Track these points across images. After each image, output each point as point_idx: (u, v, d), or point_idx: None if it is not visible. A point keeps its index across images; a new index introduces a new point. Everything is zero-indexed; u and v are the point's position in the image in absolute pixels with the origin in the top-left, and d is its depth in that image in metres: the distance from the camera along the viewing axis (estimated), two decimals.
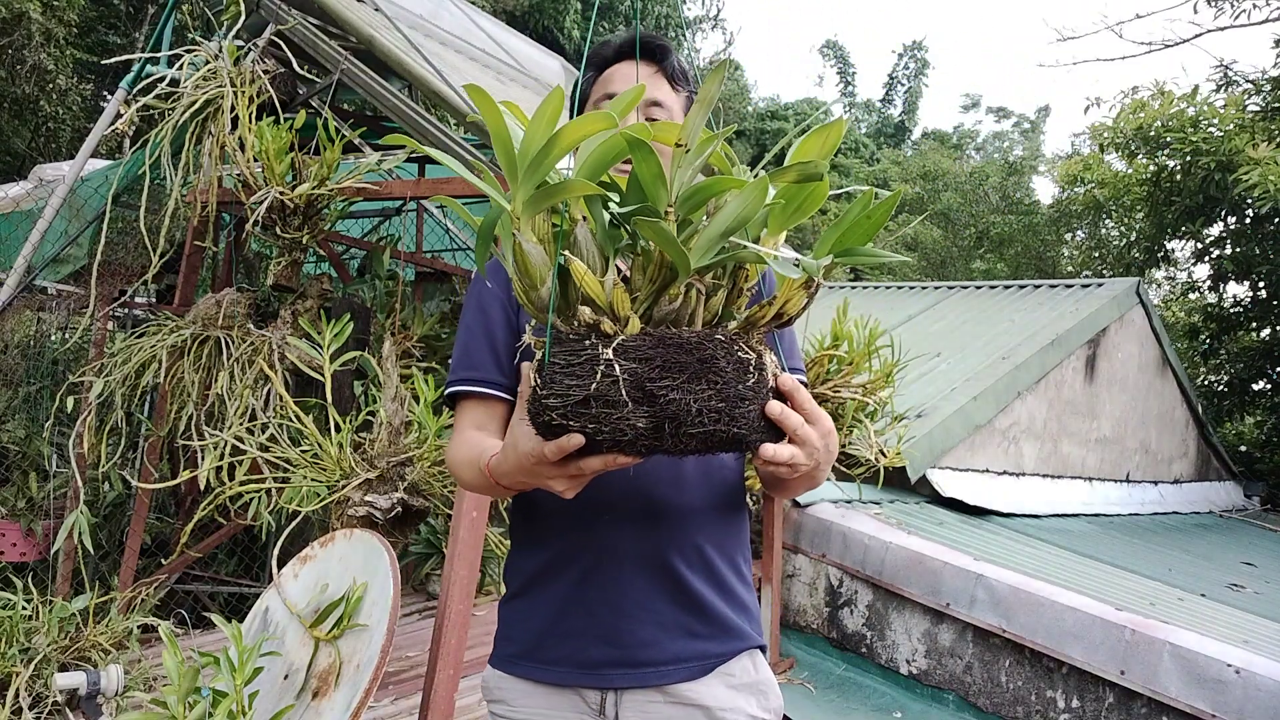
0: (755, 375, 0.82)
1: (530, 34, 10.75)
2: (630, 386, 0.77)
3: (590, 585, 1.13)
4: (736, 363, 0.81)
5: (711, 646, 1.15)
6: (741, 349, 0.82)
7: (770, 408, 0.85)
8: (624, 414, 0.77)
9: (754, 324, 0.86)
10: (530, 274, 0.84)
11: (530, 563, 1.19)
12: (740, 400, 0.80)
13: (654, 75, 1.27)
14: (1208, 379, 11.23)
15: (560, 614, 1.14)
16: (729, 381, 0.80)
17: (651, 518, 1.13)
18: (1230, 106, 9.15)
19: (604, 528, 1.12)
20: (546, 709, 1.16)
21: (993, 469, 5.36)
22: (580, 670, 1.13)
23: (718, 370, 0.79)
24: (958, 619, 3.26)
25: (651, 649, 1.12)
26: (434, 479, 2.40)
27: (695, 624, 1.14)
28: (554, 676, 1.15)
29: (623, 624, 1.12)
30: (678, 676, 1.12)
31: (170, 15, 3.35)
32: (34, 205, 4.04)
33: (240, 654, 1.62)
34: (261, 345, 2.70)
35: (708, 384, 0.79)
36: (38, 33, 8.50)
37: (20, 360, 3.84)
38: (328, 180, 2.68)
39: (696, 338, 0.80)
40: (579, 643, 1.13)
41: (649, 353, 0.78)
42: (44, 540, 3.45)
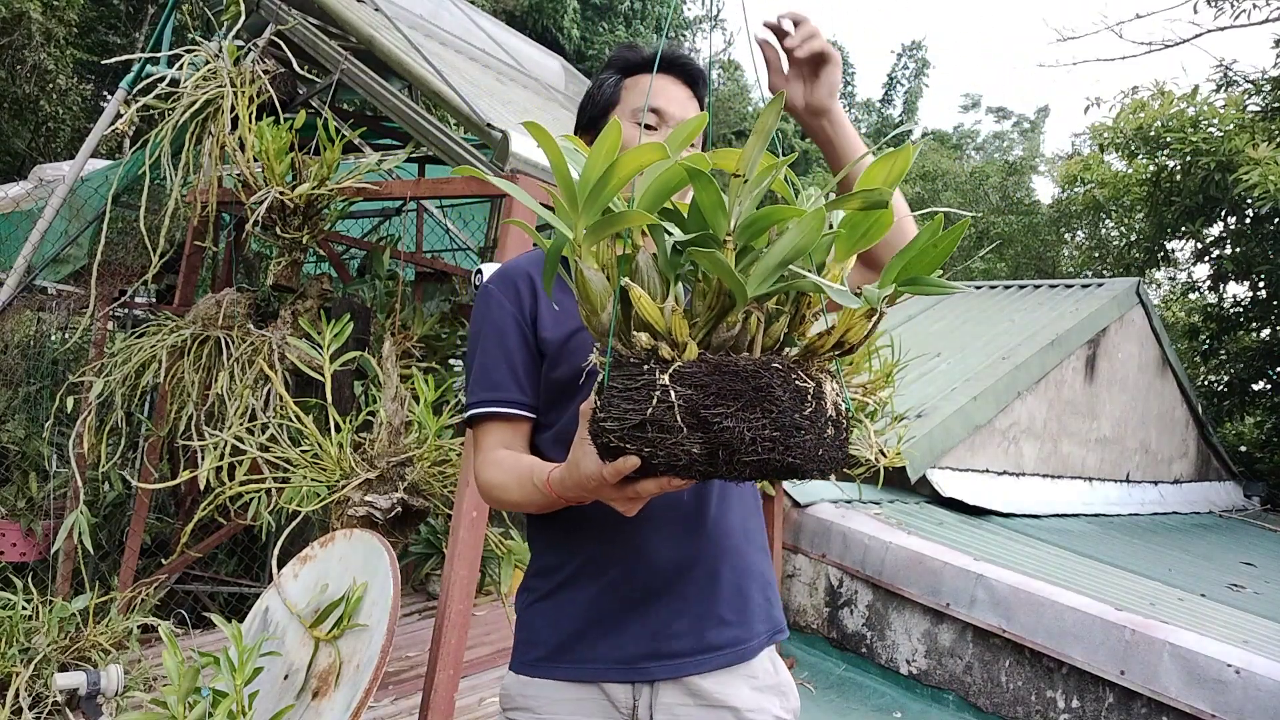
0: (813, 404, 0.81)
1: (530, 34, 10.75)
2: (685, 412, 0.78)
3: (626, 585, 1.14)
4: (793, 391, 0.80)
5: (743, 633, 1.18)
6: (800, 377, 0.81)
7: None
8: (679, 439, 0.78)
9: (814, 352, 0.86)
10: (591, 300, 0.86)
11: (561, 565, 1.19)
12: (795, 429, 0.79)
13: (690, 99, 1.29)
14: (1208, 379, 11.23)
15: (595, 613, 1.15)
16: (784, 410, 0.79)
17: (689, 520, 1.16)
18: (1230, 106, 9.15)
19: (641, 532, 1.14)
20: (576, 715, 1.16)
21: (993, 469, 5.36)
22: (617, 666, 1.14)
23: (773, 399, 0.79)
24: (958, 619, 3.27)
25: (687, 639, 1.14)
26: (434, 479, 2.40)
27: (727, 612, 1.17)
28: (588, 674, 1.15)
29: (658, 618, 1.14)
30: (712, 665, 1.15)
31: (170, 15, 3.35)
32: (34, 205, 4.04)
33: (240, 654, 1.62)
34: (261, 345, 2.70)
35: (762, 412, 0.78)
36: (38, 33, 8.50)
37: (20, 360, 3.84)
38: (328, 180, 2.68)
39: (752, 365, 0.80)
40: (615, 639, 1.14)
41: (704, 379, 0.79)
42: (44, 540, 3.45)
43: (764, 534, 1.29)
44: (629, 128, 1.24)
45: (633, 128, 1.24)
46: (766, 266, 0.80)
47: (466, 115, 2.35)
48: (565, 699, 1.16)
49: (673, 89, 1.27)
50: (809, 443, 0.81)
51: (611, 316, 0.85)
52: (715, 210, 0.80)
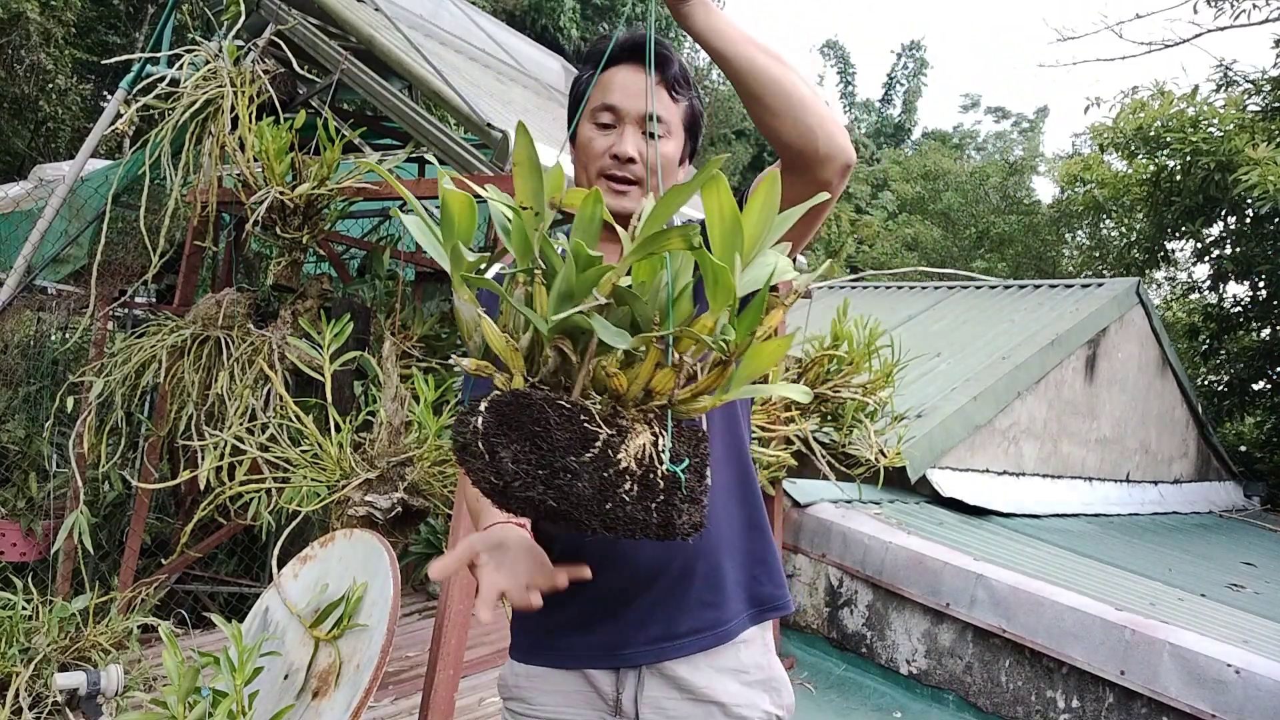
0: (597, 450, 0.76)
1: (530, 34, 10.75)
2: (483, 438, 0.78)
3: (604, 583, 1.13)
4: (575, 432, 0.76)
5: (720, 614, 1.16)
6: (594, 421, 0.77)
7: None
8: (482, 465, 0.78)
9: (649, 397, 0.81)
10: (462, 327, 0.89)
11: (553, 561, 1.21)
12: (562, 472, 0.76)
13: (655, 86, 1.23)
14: (1208, 379, 11.22)
15: (576, 606, 1.16)
16: (554, 449, 0.76)
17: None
18: (1230, 106, 9.16)
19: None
20: (565, 706, 1.17)
21: (993, 469, 5.36)
22: (597, 653, 1.15)
23: (545, 435, 0.76)
24: (958, 619, 3.27)
25: (662, 625, 1.14)
26: (434, 479, 2.40)
27: (705, 594, 1.16)
28: (571, 661, 1.17)
29: (635, 612, 1.14)
30: (692, 648, 1.15)
31: (170, 15, 3.35)
32: (34, 205, 4.04)
33: (240, 654, 1.62)
34: (261, 345, 2.70)
35: (532, 448, 0.76)
36: (36, 33, 8.50)
37: (20, 360, 3.84)
38: (328, 180, 2.68)
39: (541, 399, 0.77)
40: (596, 630, 1.15)
41: (504, 409, 0.78)
42: (44, 540, 3.45)
43: (753, 508, 1.24)
44: (588, 128, 1.24)
45: (591, 127, 1.23)
46: (551, 300, 0.78)
47: (466, 115, 2.35)
48: (553, 689, 1.18)
49: (631, 80, 1.22)
50: (581, 490, 0.76)
51: (478, 344, 0.86)
52: (522, 243, 0.81)
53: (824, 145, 1.04)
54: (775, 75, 1.03)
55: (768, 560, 1.25)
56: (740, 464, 1.24)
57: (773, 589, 1.24)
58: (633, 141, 1.21)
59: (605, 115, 1.23)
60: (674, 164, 1.26)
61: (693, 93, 1.28)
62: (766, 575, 1.24)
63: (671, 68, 1.24)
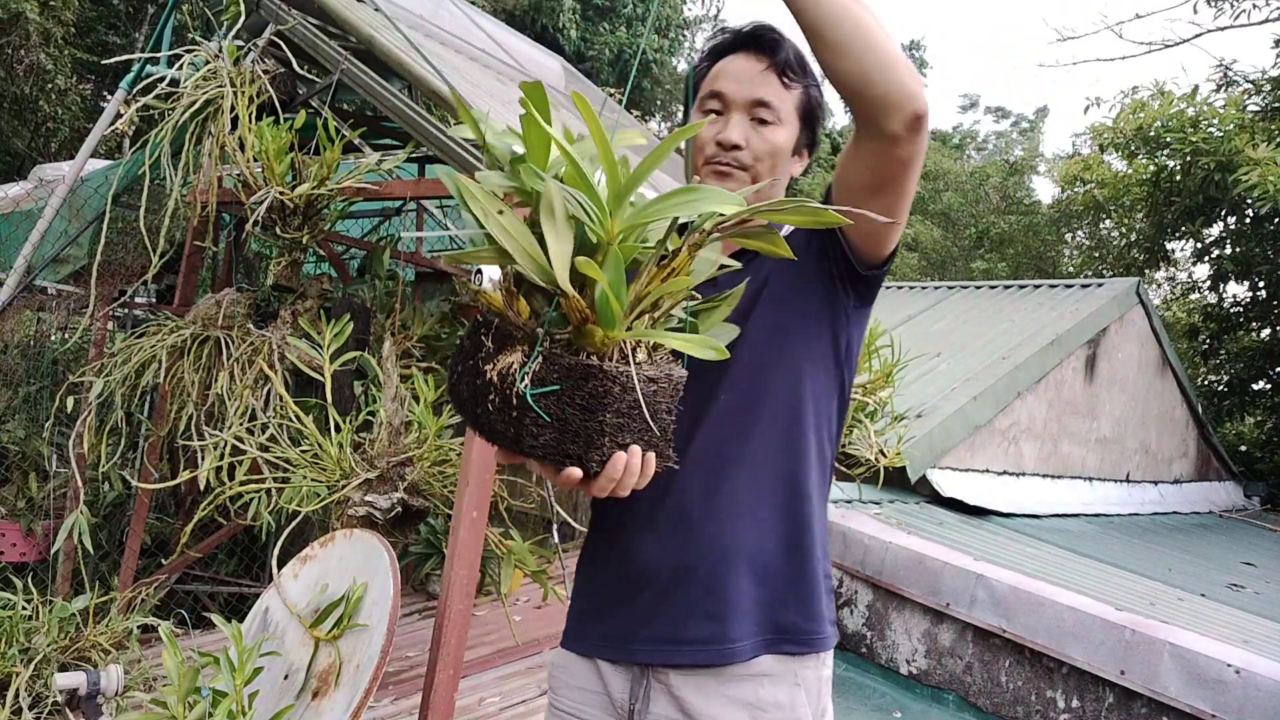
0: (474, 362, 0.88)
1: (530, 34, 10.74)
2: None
3: (619, 578, 1.16)
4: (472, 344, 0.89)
5: (722, 629, 1.09)
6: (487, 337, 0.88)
7: None
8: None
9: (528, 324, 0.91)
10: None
11: (585, 553, 1.25)
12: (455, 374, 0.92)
13: (764, 71, 1.18)
14: (1208, 379, 11.22)
15: (597, 596, 1.19)
16: (461, 355, 0.91)
17: (676, 522, 1.13)
18: (1230, 106, 9.15)
19: (632, 529, 1.15)
20: (582, 705, 1.18)
21: (993, 469, 5.36)
22: (606, 643, 1.16)
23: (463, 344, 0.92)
24: (958, 619, 3.26)
25: (665, 625, 1.11)
26: (434, 479, 2.40)
27: (711, 605, 1.10)
28: (586, 648, 1.19)
29: (644, 607, 1.13)
30: (691, 658, 1.10)
31: (170, 15, 3.35)
32: (34, 205, 4.04)
33: (240, 654, 1.62)
34: (261, 345, 2.70)
35: (458, 353, 0.92)
36: (35, 33, 8.50)
37: (20, 360, 3.84)
38: (327, 180, 2.68)
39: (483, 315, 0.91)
40: (608, 621, 1.16)
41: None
42: (44, 540, 3.45)
43: (798, 526, 1.13)
44: (697, 118, 1.20)
45: (700, 117, 1.20)
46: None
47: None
48: (575, 684, 1.20)
49: (742, 67, 1.18)
50: (462, 391, 0.90)
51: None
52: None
53: (885, 89, 0.93)
54: (842, 6, 0.93)
55: (802, 587, 1.12)
56: (789, 475, 1.14)
57: (800, 620, 1.12)
58: (738, 128, 1.17)
59: (713, 103, 1.20)
60: (785, 152, 1.20)
61: (809, 80, 1.21)
62: (796, 603, 1.12)
63: (781, 52, 1.18)
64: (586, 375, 0.84)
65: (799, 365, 1.14)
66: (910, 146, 0.97)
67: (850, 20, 0.93)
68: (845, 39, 0.93)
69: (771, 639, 1.11)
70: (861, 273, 1.13)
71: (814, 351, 1.16)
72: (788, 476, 1.13)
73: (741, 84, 1.17)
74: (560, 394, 0.83)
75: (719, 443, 1.13)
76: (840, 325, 1.17)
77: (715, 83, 1.20)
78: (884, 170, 1.01)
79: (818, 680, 1.14)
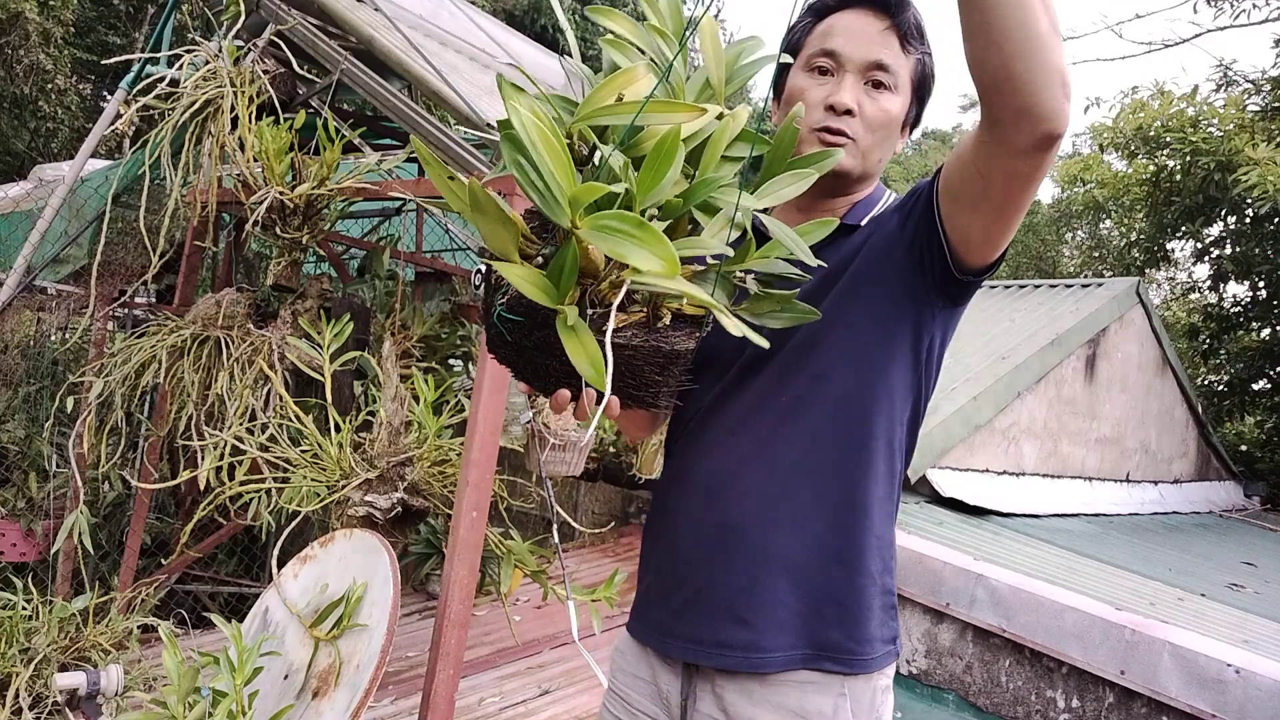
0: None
1: (529, 34, 10.75)
2: None
3: (664, 569, 1.15)
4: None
5: (757, 638, 1.03)
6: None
7: None
8: None
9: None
10: None
11: (645, 530, 1.24)
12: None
13: (884, 32, 1.05)
14: (1208, 379, 11.23)
15: (646, 585, 1.18)
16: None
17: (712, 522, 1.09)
18: (1230, 106, 9.15)
19: (676, 523, 1.14)
20: (634, 693, 1.18)
21: (992, 469, 5.35)
22: (653, 633, 1.15)
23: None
24: (958, 619, 3.26)
25: (698, 626, 1.08)
26: (434, 479, 2.40)
27: (744, 612, 1.04)
28: (638, 633, 1.18)
29: (680, 601, 1.10)
30: (722, 662, 1.05)
31: (170, 15, 3.35)
32: (34, 205, 4.03)
33: (240, 654, 1.62)
34: (261, 345, 2.70)
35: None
36: (35, 32, 8.50)
37: (20, 360, 3.84)
38: (327, 180, 2.68)
39: None
40: (654, 611, 1.15)
41: None
42: (44, 540, 3.45)
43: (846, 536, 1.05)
44: (800, 77, 1.09)
45: (805, 76, 1.08)
46: None
47: (466, 115, 2.35)
48: (629, 672, 1.19)
49: (859, 24, 1.06)
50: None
51: None
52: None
53: (1032, 97, 0.80)
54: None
55: (846, 602, 1.05)
56: (848, 484, 1.05)
57: (842, 638, 1.04)
58: (851, 92, 1.04)
59: (824, 60, 1.06)
60: (897, 124, 1.08)
61: (927, 47, 1.11)
62: (839, 619, 1.04)
63: (905, 12, 1.06)
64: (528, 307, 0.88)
65: (871, 363, 1.05)
66: (1034, 164, 0.86)
67: (1021, 7, 0.78)
68: (1007, 27, 0.78)
69: (810, 654, 1.04)
70: (958, 276, 1.01)
71: (891, 350, 1.05)
72: (846, 485, 1.05)
73: (859, 43, 1.04)
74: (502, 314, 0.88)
75: (772, 443, 1.06)
76: (925, 326, 1.06)
77: (827, 40, 1.07)
78: (996, 179, 0.90)
79: (870, 690, 1.07)
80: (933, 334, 1.07)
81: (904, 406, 1.09)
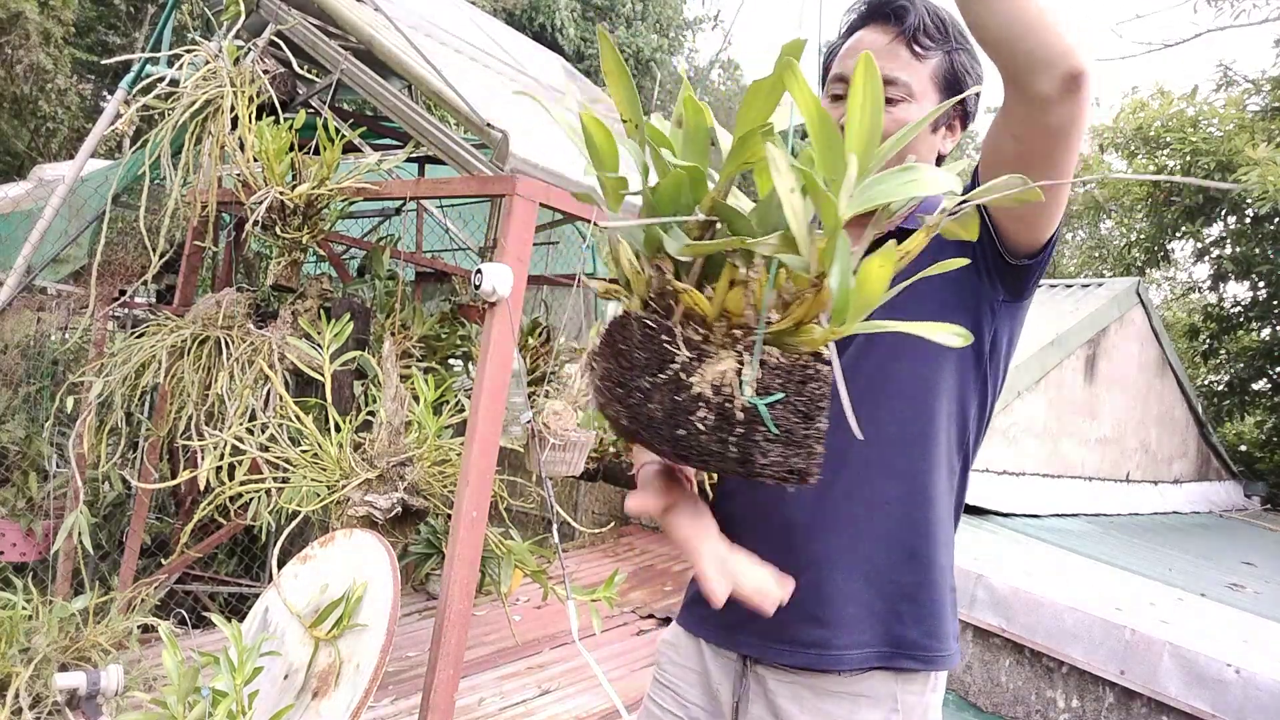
0: (671, 374, 0.71)
1: (529, 34, 10.75)
2: (591, 355, 0.78)
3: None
4: (654, 351, 0.72)
5: (829, 635, 1.03)
6: (675, 344, 0.72)
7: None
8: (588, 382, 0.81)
9: (730, 323, 0.74)
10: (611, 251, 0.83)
11: None
12: (635, 391, 0.72)
13: (892, 43, 1.04)
14: (1208, 379, 11.23)
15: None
16: (634, 369, 0.72)
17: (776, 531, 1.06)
18: (1230, 107, 9.16)
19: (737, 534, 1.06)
20: (682, 680, 1.17)
21: (993, 469, 5.35)
22: (716, 628, 1.13)
23: (628, 355, 0.73)
24: (958, 619, 3.27)
25: (774, 622, 1.02)
26: (434, 479, 2.40)
27: (816, 610, 1.04)
28: (697, 628, 1.16)
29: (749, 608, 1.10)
30: (793, 660, 1.04)
31: (170, 15, 3.35)
32: (34, 205, 4.04)
33: (240, 654, 1.62)
34: (261, 345, 2.70)
35: (617, 366, 0.74)
36: (35, 32, 8.50)
37: (20, 360, 3.84)
38: (327, 180, 2.68)
39: (633, 317, 0.74)
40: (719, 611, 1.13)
41: (612, 329, 0.75)
42: (44, 540, 3.45)
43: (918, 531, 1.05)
44: (825, 103, 1.08)
45: (827, 103, 1.08)
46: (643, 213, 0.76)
47: (466, 115, 2.35)
48: (679, 663, 1.18)
49: (867, 40, 1.06)
50: (651, 411, 0.71)
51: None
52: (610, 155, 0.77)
53: (1034, 42, 0.81)
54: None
55: (920, 599, 1.05)
56: (913, 479, 1.05)
57: (919, 635, 1.04)
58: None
59: (837, 86, 1.08)
60: (923, 131, 1.06)
61: (951, 43, 1.07)
62: (914, 616, 1.05)
63: (910, 17, 1.05)
64: (806, 378, 0.73)
65: (935, 360, 1.03)
66: (1064, 111, 0.84)
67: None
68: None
69: (886, 652, 1.04)
70: (1011, 263, 1.00)
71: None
72: (911, 480, 1.04)
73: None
74: (785, 401, 0.72)
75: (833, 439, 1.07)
76: (986, 320, 1.04)
77: (841, 64, 1.09)
78: (1032, 141, 0.88)
79: (922, 707, 1.07)
80: (996, 329, 1.06)
81: (968, 402, 1.08)
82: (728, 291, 0.72)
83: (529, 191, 2.20)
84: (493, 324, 2.16)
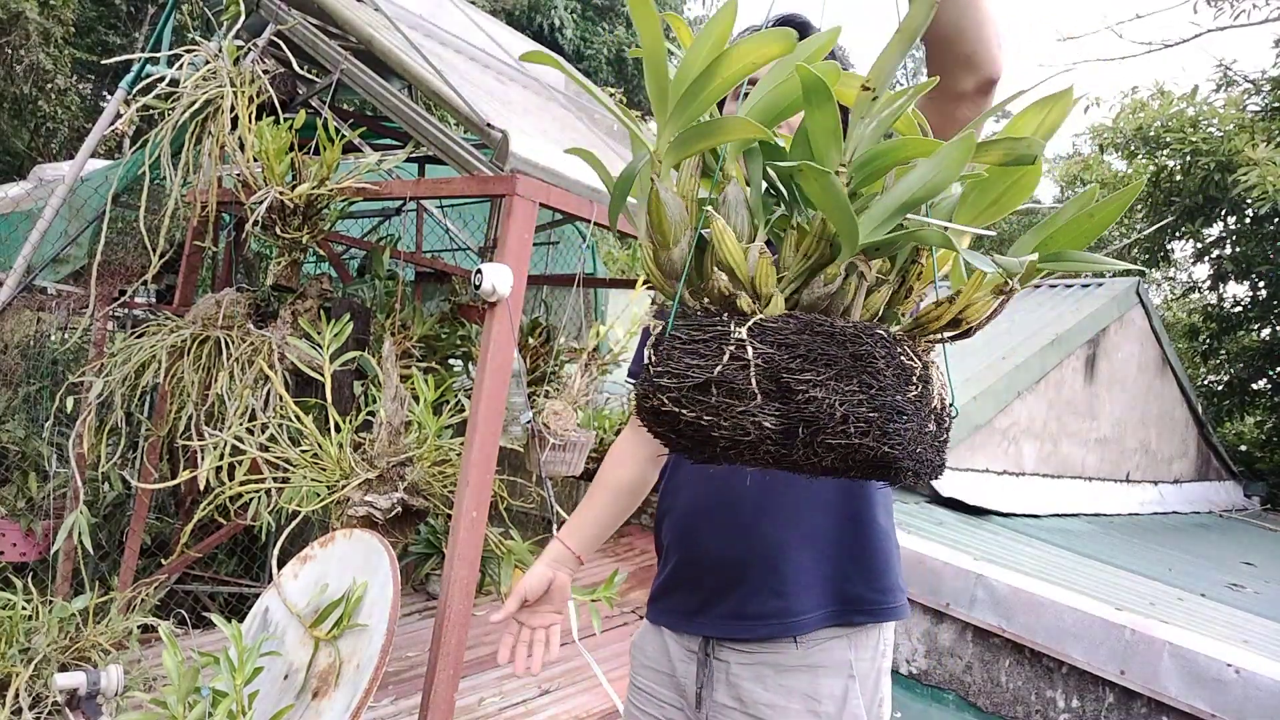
0: (919, 388, 0.67)
1: (528, 34, 10.75)
2: (762, 374, 0.63)
3: (685, 567, 1.21)
4: (898, 367, 0.66)
5: (792, 604, 1.11)
6: (906, 353, 0.67)
7: None
8: (749, 407, 0.63)
9: (923, 327, 0.70)
10: (664, 230, 0.71)
11: (660, 543, 1.30)
12: (897, 414, 0.65)
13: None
14: (1208, 379, 11.23)
15: (668, 580, 1.25)
16: (886, 387, 0.64)
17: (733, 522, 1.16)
18: (1230, 106, 9.15)
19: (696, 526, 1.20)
20: (655, 683, 1.24)
21: (993, 469, 5.35)
22: (677, 616, 1.21)
23: (874, 371, 0.64)
24: (957, 619, 3.26)
25: (731, 605, 1.15)
26: (434, 479, 2.40)
27: (774, 581, 1.12)
28: (660, 618, 1.25)
29: (710, 591, 1.17)
30: (757, 633, 1.13)
31: (170, 15, 3.35)
32: (34, 205, 4.03)
33: (240, 654, 1.62)
34: (261, 345, 2.70)
35: (860, 385, 0.64)
36: (35, 32, 8.49)
37: (20, 360, 3.84)
38: (327, 180, 2.68)
39: (852, 329, 0.65)
40: (678, 600, 1.22)
41: (791, 338, 0.64)
42: (44, 540, 3.45)
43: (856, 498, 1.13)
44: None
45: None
46: (885, 208, 0.65)
47: (466, 115, 2.35)
48: (648, 665, 1.25)
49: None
50: (909, 432, 0.65)
51: (686, 254, 0.71)
52: (828, 137, 0.64)
53: (974, 45, 0.89)
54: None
55: (864, 559, 1.14)
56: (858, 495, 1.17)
57: (864, 589, 1.13)
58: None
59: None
60: None
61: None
62: (859, 574, 1.14)
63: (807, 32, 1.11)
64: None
65: None
66: (974, 108, 0.93)
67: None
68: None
69: (838, 610, 1.13)
70: None
71: None
72: None
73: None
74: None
75: None
76: None
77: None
78: (941, 131, 0.92)
79: (875, 673, 1.15)
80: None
81: None
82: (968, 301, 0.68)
83: (529, 191, 2.20)
84: (493, 324, 2.16)
